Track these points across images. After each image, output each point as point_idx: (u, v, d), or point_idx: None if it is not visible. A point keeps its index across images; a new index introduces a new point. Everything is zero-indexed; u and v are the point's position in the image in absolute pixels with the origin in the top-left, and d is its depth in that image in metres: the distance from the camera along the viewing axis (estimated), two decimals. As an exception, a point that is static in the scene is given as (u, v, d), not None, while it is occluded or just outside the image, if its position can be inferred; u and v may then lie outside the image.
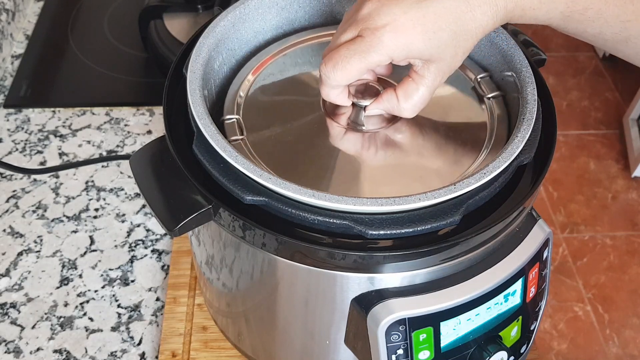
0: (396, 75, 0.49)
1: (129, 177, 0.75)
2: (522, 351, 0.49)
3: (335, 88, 0.45)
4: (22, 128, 0.79)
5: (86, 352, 0.60)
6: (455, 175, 0.44)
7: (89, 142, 0.78)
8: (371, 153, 0.47)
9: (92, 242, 0.69)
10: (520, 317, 0.47)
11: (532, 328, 0.49)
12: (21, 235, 0.69)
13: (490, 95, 0.50)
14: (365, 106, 0.47)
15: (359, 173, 0.45)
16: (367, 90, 0.47)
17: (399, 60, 0.42)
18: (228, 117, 0.48)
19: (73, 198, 0.72)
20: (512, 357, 0.47)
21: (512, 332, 0.47)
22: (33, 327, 0.62)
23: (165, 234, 0.69)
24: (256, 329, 0.54)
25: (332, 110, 0.49)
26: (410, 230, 0.39)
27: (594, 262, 1.72)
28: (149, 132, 0.80)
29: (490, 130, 0.48)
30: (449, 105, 0.51)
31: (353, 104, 0.48)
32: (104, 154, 0.77)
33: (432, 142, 0.48)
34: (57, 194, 0.73)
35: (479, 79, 0.51)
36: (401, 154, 0.47)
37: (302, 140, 0.47)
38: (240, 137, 0.46)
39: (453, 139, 0.48)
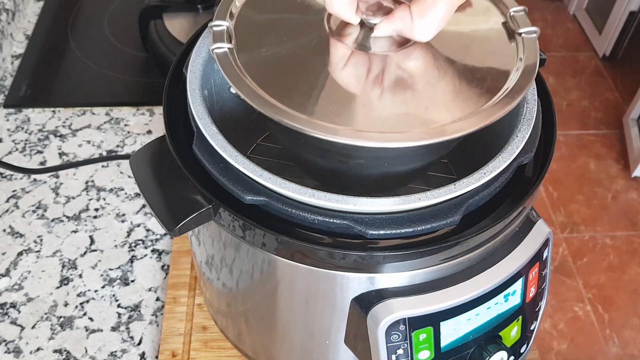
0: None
1: (129, 177, 0.75)
2: (522, 351, 0.49)
3: None
4: (22, 128, 0.79)
5: (86, 352, 0.60)
6: (464, 113, 0.39)
7: (89, 142, 0.78)
8: (375, 79, 0.41)
9: (92, 242, 0.69)
10: (520, 317, 0.47)
11: (532, 328, 0.49)
12: (21, 235, 0.69)
13: (522, 31, 0.44)
14: (375, 25, 0.42)
15: (359, 100, 0.41)
16: (380, 9, 0.42)
17: None
18: (217, 23, 0.43)
19: (73, 198, 0.73)
20: (512, 357, 0.47)
21: (512, 332, 0.47)
22: (33, 327, 0.62)
23: (165, 234, 0.69)
24: (256, 329, 0.54)
25: (338, 29, 0.44)
26: (410, 230, 0.39)
27: (594, 262, 1.72)
28: (149, 132, 0.80)
29: (514, 70, 0.42)
30: (471, 37, 0.45)
31: (361, 23, 0.43)
32: (104, 154, 0.77)
33: (447, 74, 0.42)
34: (57, 194, 0.73)
35: (512, 13, 0.45)
36: (408, 82, 0.42)
37: (299, 59, 0.42)
38: (228, 45, 0.42)
39: (470, 74, 0.42)
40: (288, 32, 0.44)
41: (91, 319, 0.63)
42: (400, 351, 0.43)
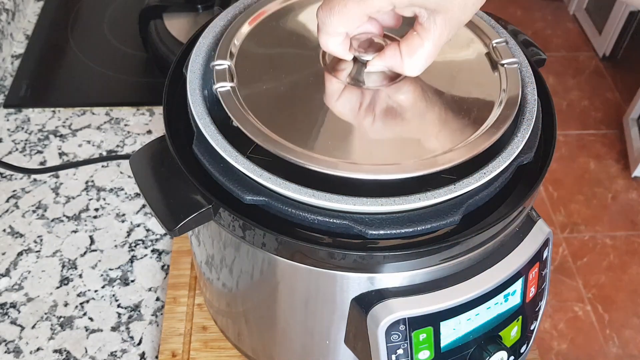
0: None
1: (129, 177, 0.75)
2: (522, 351, 0.49)
3: (333, 36, 0.42)
4: (22, 128, 0.80)
5: (86, 352, 0.60)
6: (454, 143, 0.42)
7: (89, 142, 0.78)
8: (368, 112, 0.44)
9: (92, 242, 0.69)
10: (520, 317, 0.47)
11: (532, 328, 0.49)
12: (21, 235, 0.69)
13: (505, 62, 0.47)
14: (367, 61, 0.44)
15: (354, 132, 0.43)
16: (371, 46, 0.44)
17: (401, 7, 0.39)
18: (219, 62, 0.45)
19: (73, 198, 0.73)
20: (512, 357, 0.47)
21: (512, 332, 0.47)
22: (33, 327, 0.62)
23: (165, 234, 0.70)
24: (256, 329, 0.54)
25: (332, 65, 0.46)
26: (410, 230, 0.39)
27: (594, 262, 1.72)
28: (149, 132, 0.80)
29: (499, 99, 0.45)
30: (458, 68, 0.48)
31: (354, 59, 0.45)
32: (104, 154, 0.77)
33: (435, 106, 0.44)
34: (57, 194, 0.73)
35: (494, 44, 0.48)
36: (401, 115, 0.44)
37: (297, 94, 0.45)
38: (230, 84, 0.44)
39: (458, 104, 0.45)
40: (285, 68, 0.47)
41: (91, 319, 0.63)
42: (400, 351, 0.43)
